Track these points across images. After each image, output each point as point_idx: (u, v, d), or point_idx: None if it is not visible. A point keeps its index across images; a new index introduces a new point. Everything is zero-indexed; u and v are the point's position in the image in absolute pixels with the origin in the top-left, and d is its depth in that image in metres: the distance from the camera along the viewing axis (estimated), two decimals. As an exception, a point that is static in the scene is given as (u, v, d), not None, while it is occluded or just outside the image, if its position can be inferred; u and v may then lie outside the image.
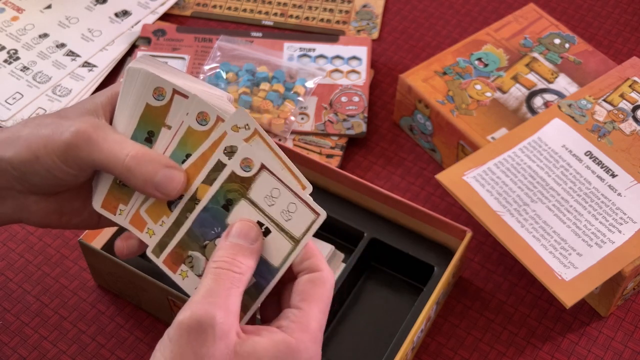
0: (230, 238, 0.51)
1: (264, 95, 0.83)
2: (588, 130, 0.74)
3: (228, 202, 0.52)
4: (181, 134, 0.53)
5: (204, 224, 0.52)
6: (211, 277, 0.49)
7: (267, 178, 0.51)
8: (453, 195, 0.70)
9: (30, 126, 0.53)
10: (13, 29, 0.92)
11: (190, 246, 0.53)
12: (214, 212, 0.52)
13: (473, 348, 0.69)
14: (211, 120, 0.52)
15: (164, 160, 0.52)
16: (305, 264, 0.51)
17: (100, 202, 0.55)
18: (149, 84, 0.53)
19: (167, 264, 0.53)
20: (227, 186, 0.52)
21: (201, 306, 0.47)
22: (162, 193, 0.52)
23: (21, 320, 0.70)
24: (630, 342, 0.70)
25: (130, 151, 0.52)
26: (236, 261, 0.49)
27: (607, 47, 0.93)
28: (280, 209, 0.51)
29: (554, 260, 0.66)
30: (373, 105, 0.87)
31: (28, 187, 0.54)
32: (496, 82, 0.80)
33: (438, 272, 0.69)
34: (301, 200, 0.51)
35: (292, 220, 0.51)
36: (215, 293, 0.48)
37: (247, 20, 0.95)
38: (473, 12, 0.96)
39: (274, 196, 0.51)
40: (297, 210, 0.51)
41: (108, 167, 0.52)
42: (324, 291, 0.51)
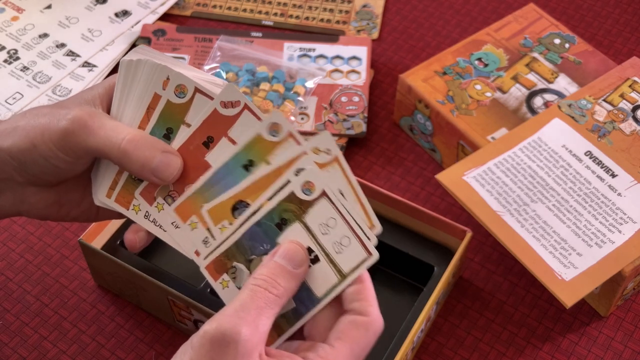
0: (275, 257, 0.50)
1: (264, 95, 0.83)
2: (588, 130, 0.74)
3: (282, 222, 0.51)
4: (244, 143, 0.51)
5: (254, 237, 0.51)
6: (247, 292, 0.48)
7: (325, 206, 0.50)
8: (453, 195, 0.70)
9: (28, 116, 0.54)
10: (13, 29, 0.92)
11: (236, 257, 0.52)
12: (266, 228, 0.51)
13: (473, 348, 0.69)
14: (283, 132, 0.51)
15: (160, 144, 0.52)
16: (354, 305, 0.50)
17: (104, 193, 0.55)
18: (157, 75, 0.53)
19: (210, 270, 0.52)
20: (285, 205, 0.51)
21: (230, 319, 0.46)
22: (159, 178, 0.52)
23: (21, 320, 0.70)
24: (630, 342, 0.70)
25: (126, 135, 0.52)
26: (276, 282, 0.48)
27: (607, 47, 0.93)
28: (333, 240, 0.50)
29: (554, 260, 0.66)
30: (373, 105, 0.87)
31: (27, 177, 0.54)
32: (496, 82, 0.80)
33: (438, 272, 0.69)
34: (356, 236, 0.50)
35: (342, 254, 0.50)
36: (247, 309, 0.47)
37: (247, 20, 0.95)
38: (473, 12, 0.96)
39: (330, 225, 0.50)
40: (349, 245, 0.50)
41: (104, 152, 0.52)
42: (364, 336, 0.49)
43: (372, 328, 0.50)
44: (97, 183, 0.56)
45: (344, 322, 0.49)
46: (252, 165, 0.51)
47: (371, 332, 0.49)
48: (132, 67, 0.54)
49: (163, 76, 0.53)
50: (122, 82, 0.55)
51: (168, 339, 0.69)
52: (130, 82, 0.54)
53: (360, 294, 0.50)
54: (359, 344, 0.49)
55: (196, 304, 0.63)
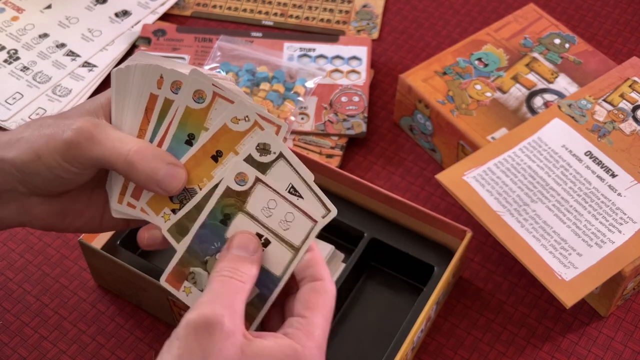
0: (231, 250, 0.51)
1: (264, 95, 0.83)
2: (588, 130, 0.74)
3: (226, 217, 0.52)
4: (179, 114, 0.53)
5: (203, 239, 0.53)
6: (215, 283, 0.50)
7: (262, 190, 0.52)
8: (453, 195, 0.70)
9: (32, 127, 0.54)
10: (13, 29, 0.92)
11: (191, 262, 0.53)
12: (212, 227, 0.52)
13: (473, 348, 0.69)
14: (207, 97, 0.53)
15: (165, 156, 0.53)
16: (307, 272, 0.52)
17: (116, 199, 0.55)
18: (149, 76, 0.53)
19: (170, 282, 0.53)
20: (224, 201, 0.52)
21: (209, 306, 0.48)
22: (164, 190, 0.52)
23: (21, 320, 0.70)
24: (630, 342, 0.70)
25: (132, 146, 0.52)
26: (238, 271, 0.50)
27: (607, 47, 0.93)
28: (278, 219, 0.52)
29: (554, 260, 0.66)
30: (373, 105, 0.87)
31: (31, 188, 0.54)
32: (496, 82, 0.80)
33: (438, 272, 0.69)
34: (297, 209, 0.52)
35: (290, 229, 0.52)
36: (221, 295, 0.49)
37: (247, 20, 0.95)
38: (473, 12, 0.97)
39: (271, 207, 0.52)
40: (294, 219, 0.52)
41: (110, 163, 0.52)
42: (327, 299, 0.51)
43: (330, 291, 0.52)
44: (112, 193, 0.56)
45: (305, 291, 0.51)
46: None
47: (330, 292, 0.52)
48: (122, 74, 0.54)
49: (156, 75, 0.53)
50: (115, 90, 0.55)
51: (168, 339, 0.69)
52: (123, 89, 0.54)
53: (309, 261, 0.52)
54: (325, 307, 0.51)
55: (196, 304, 0.63)
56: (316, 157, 0.80)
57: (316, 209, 0.52)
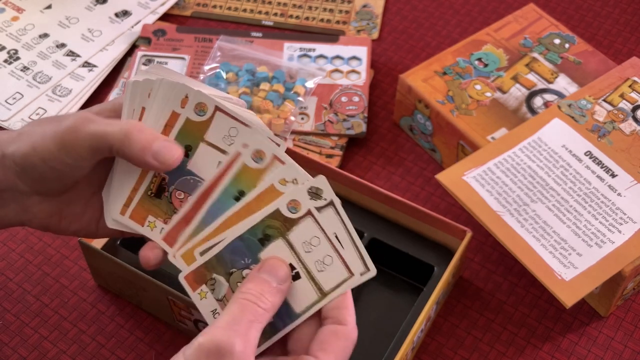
0: (261, 273, 0.50)
1: (264, 95, 0.83)
2: (588, 130, 0.74)
3: (265, 237, 0.51)
4: (235, 169, 0.52)
5: (235, 251, 0.52)
6: (237, 306, 0.49)
7: (310, 225, 0.51)
8: (453, 195, 0.70)
9: (34, 124, 0.55)
10: (13, 29, 0.92)
11: (216, 269, 0.52)
12: (249, 243, 0.51)
13: (473, 348, 0.69)
14: (267, 157, 0.52)
15: (161, 135, 0.53)
16: (333, 313, 0.51)
17: (117, 211, 0.55)
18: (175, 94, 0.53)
19: (189, 280, 0.53)
20: (269, 221, 0.51)
21: (223, 332, 0.47)
22: (160, 162, 0.51)
23: (21, 320, 0.70)
24: (630, 342, 0.70)
25: (127, 123, 0.52)
26: (263, 297, 0.49)
27: (607, 47, 0.93)
28: (315, 258, 0.51)
29: (554, 260, 0.66)
30: (373, 105, 0.87)
31: (30, 184, 0.54)
32: (496, 82, 0.80)
33: (438, 272, 0.69)
34: (339, 256, 0.51)
35: (324, 273, 0.51)
36: (238, 322, 0.48)
37: (247, 20, 0.95)
38: (473, 12, 0.97)
39: (313, 244, 0.51)
40: (332, 264, 0.51)
41: (106, 137, 0.51)
42: (346, 346, 0.50)
43: (351, 337, 0.50)
44: (109, 202, 0.56)
45: (325, 332, 0.50)
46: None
47: (350, 341, 0.50)
48: (139, 86, 0.54)
49: (181, 94, 0.53)
50: (130, 100, 0.54)
51: (168, 339, 0.69)
52: (142, 101, 0.54)
53: (337, 301, 0.51)
54: (341, 354, 0.50)
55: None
56: (316, 157, 0.80)
57: (356, 264, 0.51)
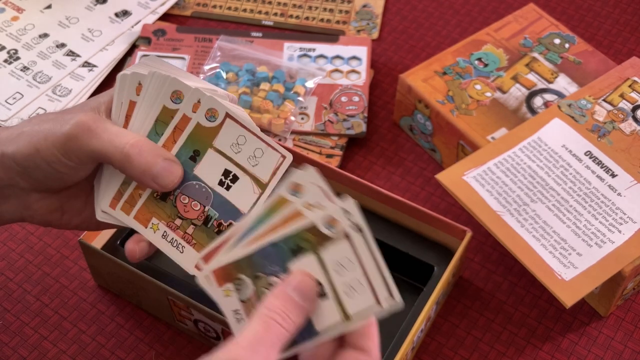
0: (288, 289, 0.49)
1: (264, 95, 0.83)
2: (588, 130, 0.74)
3: (298, 249, 0.50)
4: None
5: (267, 256, 0.51)
6: (262, 325, 0.47)
7: (345, 246, 0.49)
8: (453, 195, 0.70)
9: (33, 122, 0.54)
10: (13, 29, 0.92)
11: (244, 270, 0.51)
12: (280, 251, 0.50)
13: (473, 348, 0.69)
14: None
15: (162, 152, 0.53)
16: (358, 340, 0.50)
17: (107, 203, 0.55)
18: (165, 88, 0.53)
19: (217, 275, 0.52)
20: (304, 234, 0.50)
21: (245, 353, 0.46)
22: (159, 184, 0.52)
23: (21, 320, 0.70)
24: (630, 342, 0.70)
25: (129, 140, 0.52)
26: (287, 317, 0.48)
27: (607, 47, 0.93)
28: (345, 281, 0.50)
29: (554, 260, 0.66)
30: (373, 105, 0.87)
31: (31, 182, 0.54)
32: (496, 82, 0.80)
33: (438, 272, 0.69)
34: (368, 282, 0.49)
35: (351, 297, 0.50)
36: (262, 343, 0.47)
37: (247, 20, 0.95)
38: (473, 12, 0.97)
39: (345, 266, 0.50)
40: (360, 290, 0.50)
41: (107, 155, 0.52)
42: None
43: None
44: (100, 193, 0.56)
45: (346, 358, 0.49)
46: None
47: None
48: (127, 80, 0.54)
49: (172, 88, 0.53)
50: (118, 94, 0.55)
51: (168, 339, 0.69)
52: (130, 94, 0.54)
53: (364, 329, 0.50)
54: None
55: (196, 304, 0.63)
56: (316, 157, 0.80)
57: (380, 290, 0.50)
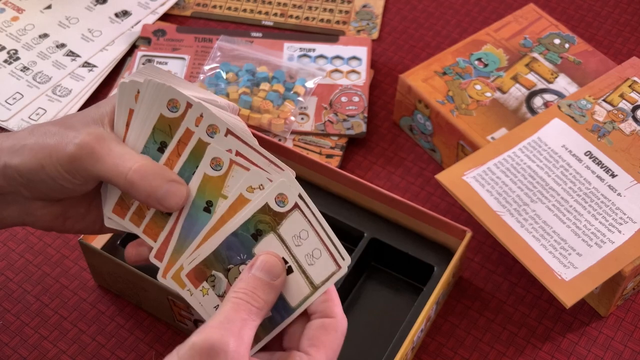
0: (253, 270, 0.50)
1: (264, 95, 0.83)
2: (588, 130, 0.74)
3: (258, 232, 0.51)
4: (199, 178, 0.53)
5: (231, 247, 0.52)
6: (230, 305, 0.49)
7: (298, 217, 0.51)
8: (453, 195, 0.70)
9: (36, 135, 0.54)
10: (13, 29, 0.92)
11: (214, 266, 0.53)
12: (242, 238, 0.52)
13: (473, 348, 0.69)
14: (225, 164, 0.52)
15: (167, 174, 0.53)
16: (319, 307, 0.51)
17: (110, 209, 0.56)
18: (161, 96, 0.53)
19: (190, 278, 0.53)
20: (259, 216, 0.51)
21: (216, 331, 0.47)
22: (166, 207, 0.52)
23: (21, 320, 0.70)
24: (630, 342, 0.70)
25: (133, 164, 0.52)
26: (256, 295, 0.49)
27: (607, 47, 0.93)
28: (305, 252, 0.51)
29: (554, 260, 0.66)
30: (373, 105, 0.87)
31: (34, 193, 0.54)
32: (496, 82, 0.80)
33: (438, 272, 0.69)
34: (326, 248, 0.51)
35: (314, 266, 0.51)
36: (231, 321, 0.48)
37: (247, 20, 0.95)
38: (473, 12, 0.97)
39: (302, 237, 0.51)
40: (320, 257, 0.51)
41: (111, 180, 0.52)
42: (335, 338, 0.50)
43: (340, 328, 0.51)
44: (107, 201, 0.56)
45: (313, 327, 0.50)
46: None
47: (339, 332, 0.51)
48: (127, 88, 0.54)
49: (168, 96, 0.53)
50: (119, 103, 0.54)
51: (168, 339, 0.69)
52: (130, 103, 0.54)
53: (324, 295, 0.51)
54: (332, 347, 0.50)
55: (196, 304, 0.63)
56: (316, 157, 0.80)
57: (335, 254, 0.51)
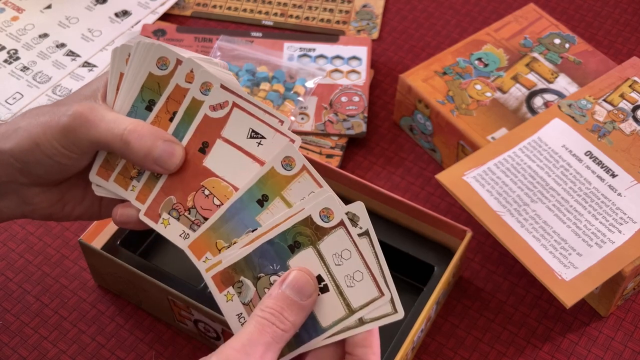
0: (284, 287, 0.48)
1: (264, 95, 0.83)
2: (588, 130, 0.74)
3: (295, 244, 0.49)
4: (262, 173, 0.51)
5: (264, 256, 0.50)
6: (255, 326, 0.47)
7: (342, 236, 0.49)
8: (453, 195, 0.70)
9: (29, 116, 0.54)
10: (13, 29, 0.92)
11: (244, 272, 0.51)
12: (278, 248, 0.50)
13: (473, 348, 0.69)
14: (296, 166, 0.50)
15: (162, 133, 0.52)
16: (358, 350, 0.49)
17: (95, 172, 0.55)
18: (150, 55, 0.52)
19: (216, 281, 0.51)
20: (300, 228, 0.49)
21: (238, 355, 0.45)
22: (162, 167, 0.52)
23: (21, 320, 0.70)
24: (630, 342, 0.70)
25: (127, 125, 0.52)
26: (283, 317, 0.48)
27: (607, 47, 0.93)
28: (345, 272, 0.49)
29: (554, 260, 0.66)
30: (373, 105, 0.87)
31: (31, 177, 0.54)
32: (496, 82, 0.80)
33: (438, 272, 0.69)
34: (369, 273, 0.49)
35: (353, 289, 0.49)
36: (254, 344, 0.46)
37: (247, 20, 0.95)
38: (473, 12, 0.97)
39: (344, 257, 0.49)
40: (362, 281, 0.49)
41: (107, 143, 0.52)
42: None
43: None
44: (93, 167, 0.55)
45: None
46: (267, 200, 0.50)
47: None
48: (118, 52, 0.54)
49: (157, 54, 0.52)
50: (111, 69, 0.54)
51: (168, 339, 0.69)
52: (121, 67, 0.54)
53: (366, 340, 0.49)
54: None
55: (196, 304, 0.63)
56: (316, 157, 0.80)
57: (380, 280, 0.49)
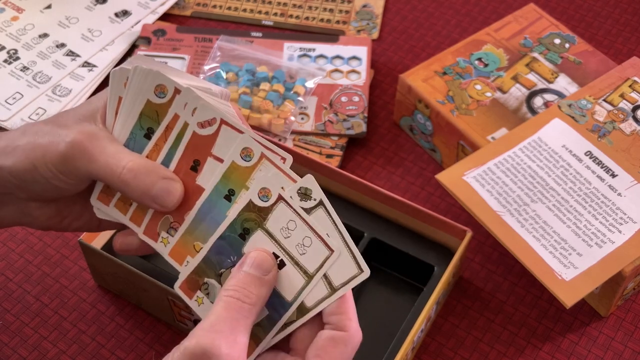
0: (244, 268, 0.50)
1: (264, 95, 0.83)
2: (588, 130, 0.74)
3: (245, 231, 0.51)
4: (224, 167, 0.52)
5: (220, 251, 0.51)
6: (221, 305, 0.48)
7: (283, 209, 0.50)
8: (453, 195, 0.70)
9: (28, 135, 0.53)
10: (13, 29, 0.92)
11: (206, 273, 0.52)
12: (230, 240, 0.51)
13: (473, 348, 0.69)
14: (255, 156, 0.51)
15: (161, 171, 0.52)
16: (333, 318, 0.50)
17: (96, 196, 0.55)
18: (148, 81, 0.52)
19: (184, 289, 0.53)
20: (245, 215, 0.51)
21: (208, 334, 0.46)
22: (160, 205, 0.52)
23: (21, 320, 0.70)
24: (630, 342, 0.70)
25: (126, 163, 0.51)
26: (247, 291, 0.49)
27: (607, 47, 0.93)
28: (295, 242, 0.50)
29: (554, 260, 0.66)
30: (373, 105, 0.87)
31: (29, 194, 0.54)
32: (496, 82, 0.80)
33: (438, 272, 0.69)
34: (316, 235, 0.50)
35: (306, 255, 0.50)
36: (223, 322, 0.47)
37: (247, 20, 0.95)
38: (473, 12, 0.97)
39: (290, 228, 0.50)
40: (311, 245, 0.50)
41: (105, 180, 0.52)
42: (342, 353, 0.49)
43: (351, 343, 0.49)
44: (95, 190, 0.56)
45: (322, 337, 0.49)
46: (233, 194, 0.51)
47: (350, 347, 0.49)
48: (117, 76, 0.54)
49: (155, 82, 0.52)
50: (110, 92, 0.54)
51: (168, 339, 0.69)
52: (120, 91, 0.54)
53: (339, 307, 0.50)
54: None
55: (196, 304, 0.63)
56: (316, 157, 0.80)
57: (350, 265, 0.50)
